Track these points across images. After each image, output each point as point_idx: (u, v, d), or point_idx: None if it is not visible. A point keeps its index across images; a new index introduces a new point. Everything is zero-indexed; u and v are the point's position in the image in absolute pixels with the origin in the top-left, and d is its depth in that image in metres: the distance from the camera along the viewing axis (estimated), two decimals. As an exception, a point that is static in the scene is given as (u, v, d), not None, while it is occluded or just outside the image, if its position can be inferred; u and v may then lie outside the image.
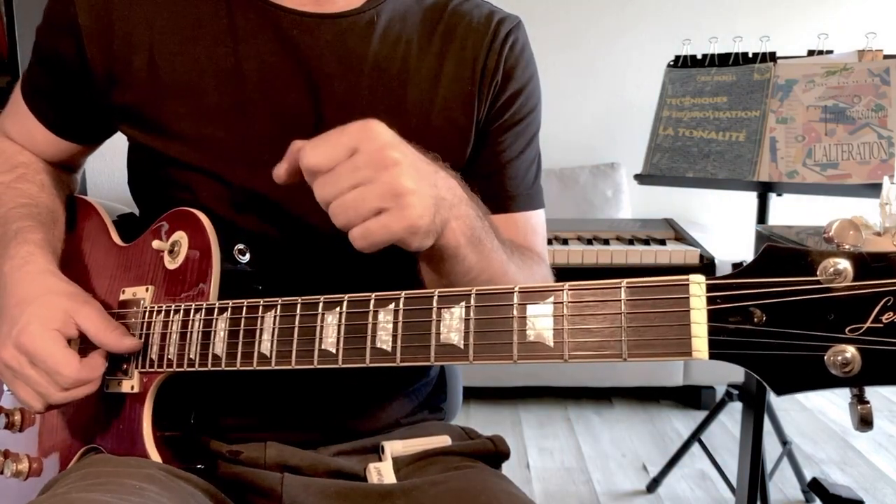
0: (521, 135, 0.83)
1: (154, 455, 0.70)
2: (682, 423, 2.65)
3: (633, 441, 2.51)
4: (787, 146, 1.70)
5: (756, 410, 1.64)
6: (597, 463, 2.34)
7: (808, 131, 1.68)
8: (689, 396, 2.80)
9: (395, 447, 0.81)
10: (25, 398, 0.69)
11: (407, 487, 0.77)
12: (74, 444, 0.77)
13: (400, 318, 0.56)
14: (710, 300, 0.46)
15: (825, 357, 0.43)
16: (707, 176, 1.80)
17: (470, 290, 0.54)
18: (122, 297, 0.77)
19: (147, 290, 0.74)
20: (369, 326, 0.57)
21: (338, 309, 0.59)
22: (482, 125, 0.80)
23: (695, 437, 2.14)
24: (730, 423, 2.58)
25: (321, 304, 0.60)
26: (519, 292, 0.52)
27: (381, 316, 0.57)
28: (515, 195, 0.84)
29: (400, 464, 0.80)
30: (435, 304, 0.55)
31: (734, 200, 2.87)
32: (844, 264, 0.43)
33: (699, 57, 1.94)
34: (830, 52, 1.74)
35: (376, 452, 0.81)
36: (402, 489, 0.77)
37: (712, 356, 0.46)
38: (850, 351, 0.43)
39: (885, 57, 1.66)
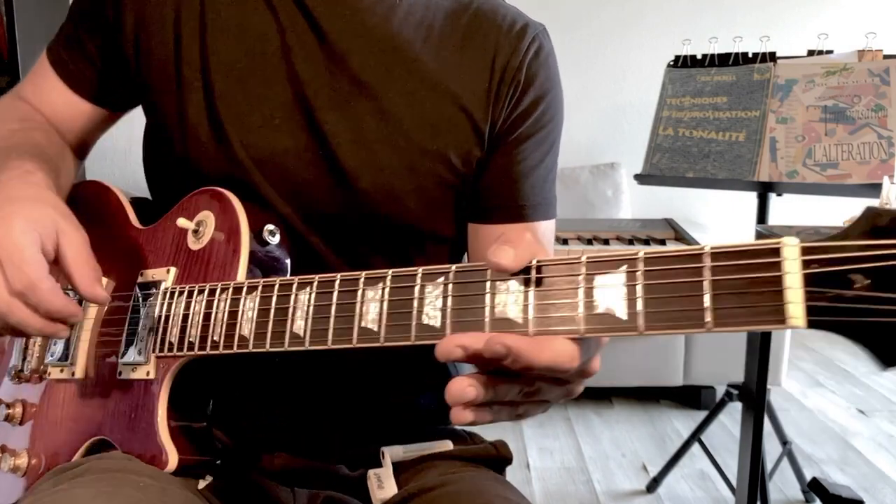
0: (540, 144, 0.82)
1: (169, 446, 0.66)
2: (682, 423, 2.65)
3: (633, 441, 2.51)
4: (787, 146, 1.70)
5: (756, 410, 1.64)
6: (597, 463, 2.34)
7: (808, 131, 1.68)
8: (689, 396, 2.80)
9: (396, 452, 0.80)
10: None
11: (403, 496, 0.76)
12: (81, 435, 0.74)
13: (450, 293, 0.52)
14: (805, 264, 0.42)
15: None
16: (707, 176, 1.80)
17: (530, 264, 0.50)
18: (140, 279, 0.74)
19: (168, 271, 0.72)
20: (415, 301, 0.53)
21: (380, 285, 0.55)
22: (500, 129, 0.79)
23: (695, 437, 2.14)
24: (730, 423, 2.58)
25: (362, 280, 0.56)
26: (587, 262, 0.49)
27: (428, 290, 0.53)
28: (527, 205, 0.83)
29: (400, 469, 0.80)
30: (489, 276, 0.51)
31: (734, 200, 2.87)
32: None
33: (699, 57, 1.94)
34: (830, 52, 1.74)
35: (377, 457, 0.81)
36: (399, 499, 0.77)
37: (811, 324, 0.42)
38: None
39: (885, 57, 1.66)
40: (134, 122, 0.90)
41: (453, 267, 0.53)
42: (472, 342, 0.48)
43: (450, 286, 0.52)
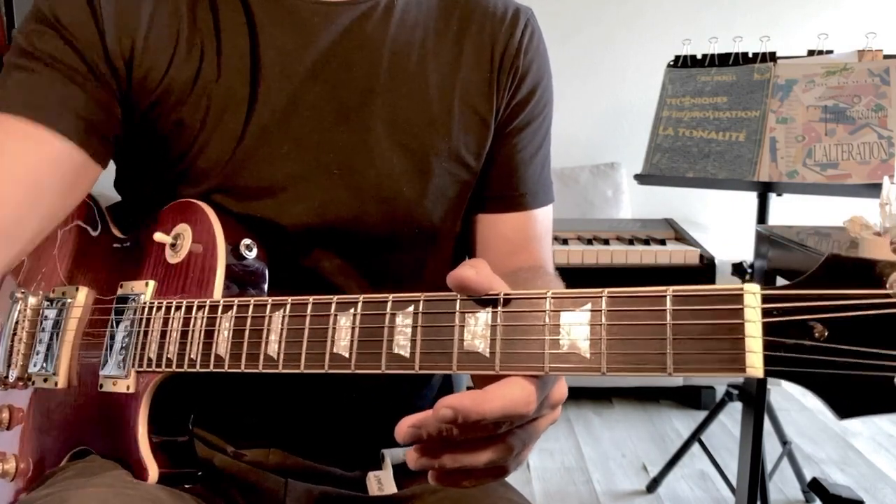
0: (537, 132, 0.83)
1: (149, 460, 0.66)
2: (682, 423, 2.65)
3: (633, 441, 2.51)
4: (787, 146, 1.70)
5: (756, 410, 1.64)
6: (597, 463, 2.34)
7: (808, 131, 1.68)
8: (689, 396, 2.80)
9: (396, 454, 0.80)
10: None
11: (406, 496, 0.76)
12: (65, 444, 0.74)
13: (419, 322, 0.52)
14: (766, 312, 0.42)
15: (895, 378, 0.39)
16: (707, 176, 1.80)
17: (497, 295, 0.50)
18: (119, 292, 0.73)
19: (147, 284, 0.71)
20: (385, 330, 0.53)
21: (352, 310, 0.55)
22: (501, 118, 0.80)
23: (695, 437, 2.14)
24: (730, 423, 2.58)
25: (334, 305, 0.56)
26: (552, 298, 0.48)
27: (398, 319, 0.53)
28: (527, 193, 0.83)
29: (400, 471, 0.80)
30: (458, 308, 0.51)
31: (734, 200, 2.87)
32: None
33: (699, 57, 1.94)
34: (830, 52, 1.74)
35: (377, 460, 0.81)
36: (401, 499, 0.76)
37: (768, 373, 0.42)
38: None
39: (885, 57, 1.66)
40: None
41: (422, 296, 0.52)
42: (421, 417, 0.47)
43: (419, 316, 0.52)
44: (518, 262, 0.81)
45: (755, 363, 0.42)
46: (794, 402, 2.83)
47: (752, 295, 0.43)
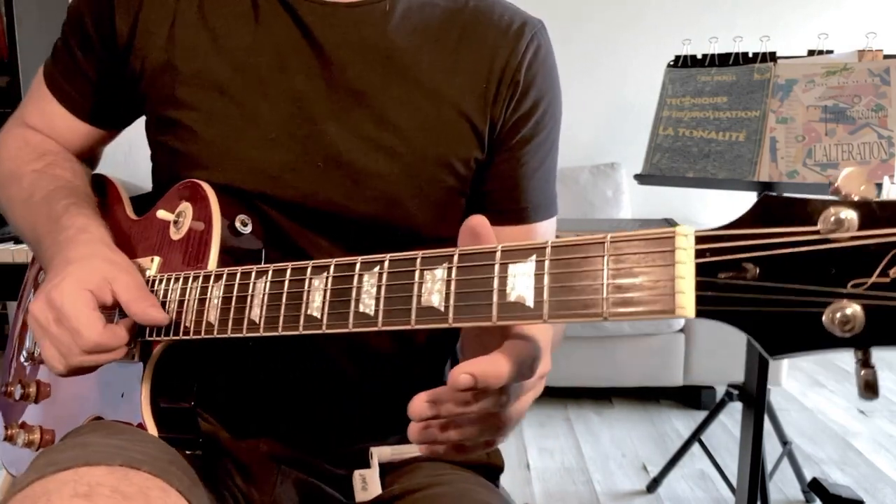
0: (541, 145, 0.82)
1: (149, 422, 0.70)
2: (682, 423, 2.65)
3: (633, 441, 2.51)
4: (787, 146, 1.70)
5: (756, 410, 1.64)
6: (597, 463, 2.34)
7: (809, 131, 1.68)
8: (689, 396, 2.80)
9: (384, 453, 0.81)
10: (48, 357, 0.68)
11: (386, 499, 0.77)
12: (82, 413, 0.79)
13: (384, 281, 0.54)
14: (699, 253, 0.42)
15: (823, 314, 0.38)
16: (707, 176, 1.80)
17: (453, 252, 0.52)
18: None
19: (153, 260, 0.76)
20: (354, 290, 0.55)
21: (325, 273, 0.58)
22: (500, 131, 0.79)
23: (695, 437, 2.14)
24: (730, 423, 2.58)
25: (309, 269, 0.59)
26: (502, 251, 0.49)
27: (365, 279, 0.55)
28: (529, 207, 0.83)
29: (387, 470, 0.80)
30: (418, 266, 0.53)
31: (734, 200, 2.87)
32: (848, 213, 0.38)
33: (699, 57, 1.94)
34: (830, 52, 1.74)
35: (365, 457, 0.81)
36: (381, 501, 0.77)
37: (699, 313, 0.42)
38: (852, 307, 0.37)
39: (885, 57, 1.66)
40: (134, 124, 0.90)
41: (388, 256, 0.55)
42: (437, 392, 0.50)
43: (384, 275, 0.54)
44: None
45: (685, 303, 0.42)
46: (794, 402, 2.83)
47: (685, 237, 0.43)
